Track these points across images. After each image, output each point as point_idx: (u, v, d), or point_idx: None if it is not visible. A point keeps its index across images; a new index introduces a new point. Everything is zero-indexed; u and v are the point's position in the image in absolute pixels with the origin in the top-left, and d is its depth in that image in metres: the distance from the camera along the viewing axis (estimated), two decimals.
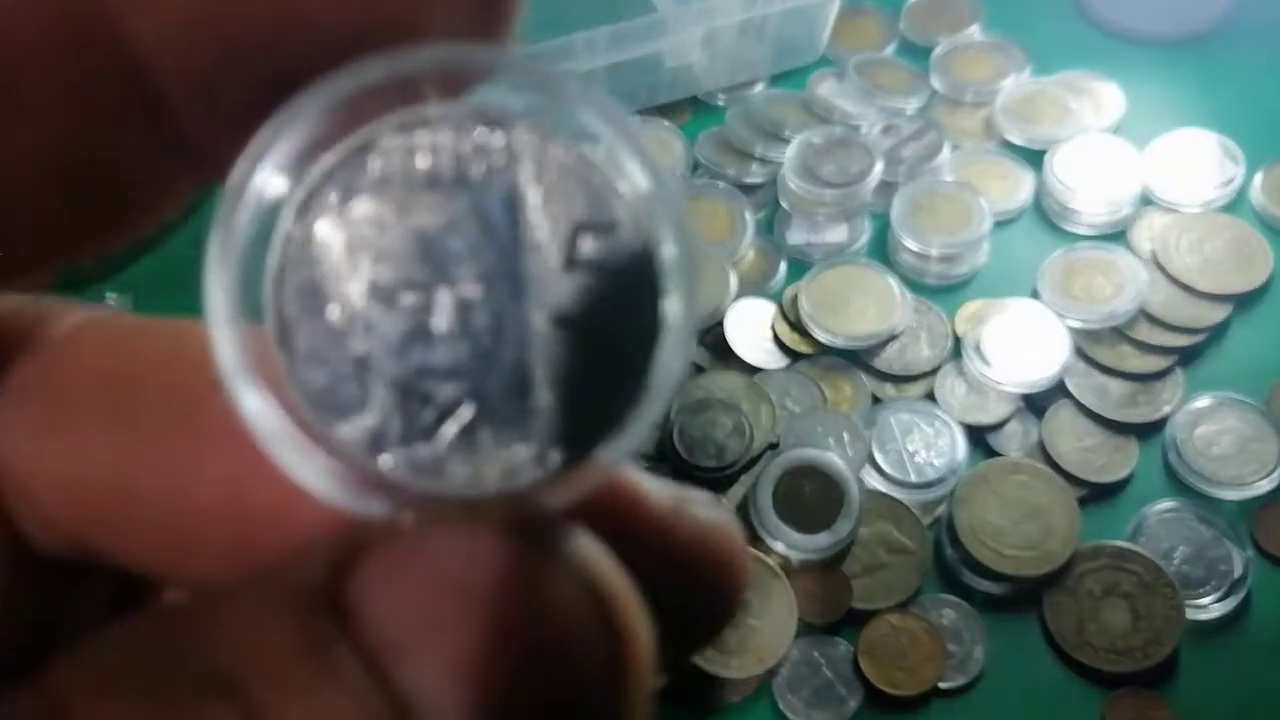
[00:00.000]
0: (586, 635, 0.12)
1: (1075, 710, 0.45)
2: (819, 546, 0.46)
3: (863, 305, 0.54)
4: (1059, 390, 0.51)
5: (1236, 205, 0.57)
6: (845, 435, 0.50)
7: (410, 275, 0.13)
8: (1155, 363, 0.52)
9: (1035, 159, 0.59)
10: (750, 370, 0.53)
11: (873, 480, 0.50)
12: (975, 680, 0.45)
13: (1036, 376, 0.51)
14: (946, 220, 0.56)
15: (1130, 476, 0.50)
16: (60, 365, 0.15)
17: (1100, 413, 0.50)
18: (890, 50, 0.65)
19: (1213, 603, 0.46)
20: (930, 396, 0.52)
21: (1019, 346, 0.52)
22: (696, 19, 0.57)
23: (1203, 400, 0.50)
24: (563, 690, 0.12)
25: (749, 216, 0.57)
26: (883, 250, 0.57)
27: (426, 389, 0.13)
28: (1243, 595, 0.46)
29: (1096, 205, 0.56)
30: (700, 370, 0.53)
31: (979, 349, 0.52)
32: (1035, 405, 0.51)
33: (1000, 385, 0.51)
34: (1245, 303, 0.54)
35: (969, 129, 0.61)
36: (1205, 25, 0.65)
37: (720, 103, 0.63)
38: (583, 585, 0.12)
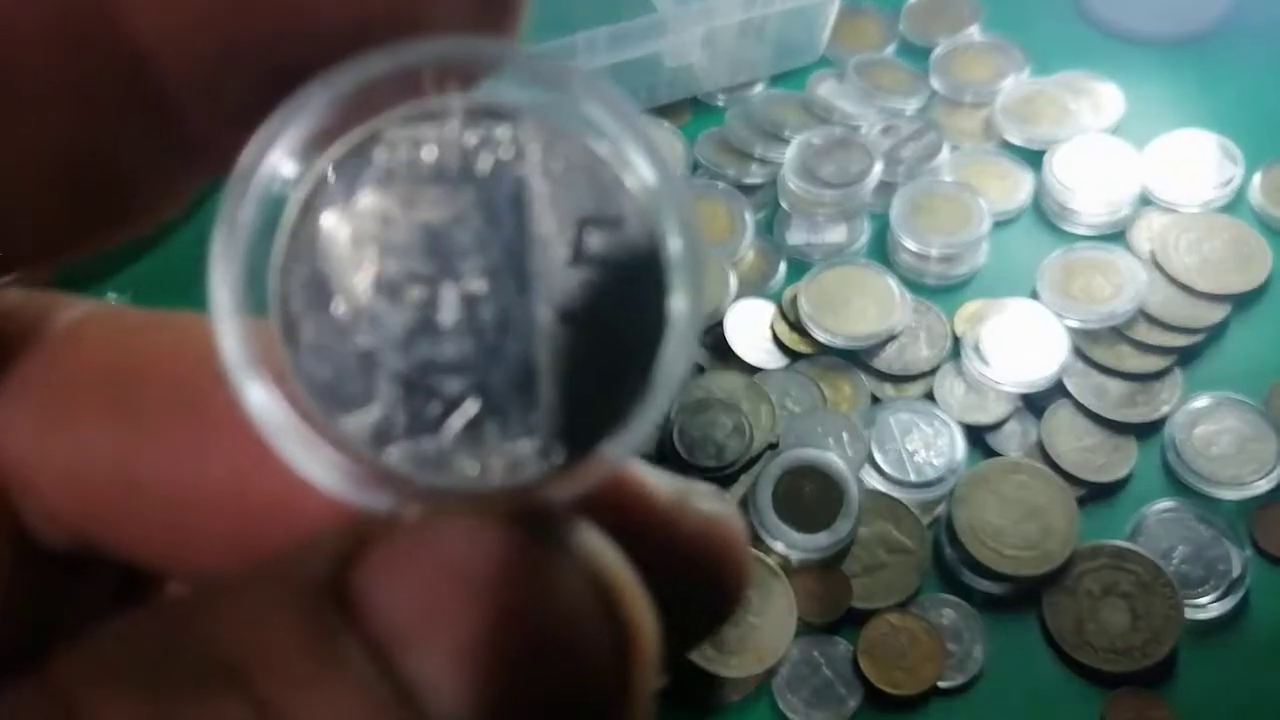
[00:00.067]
0: (591, 626, 0.12)
1: (1075, 710, 0.45)
2: (819, 546, 0.46)
3: (862, 305, 0.54)
4: (1058, 390, 0.51)
5: (1235, 205, 0.57)
6: (845, 435, 0.50)
7: (416, 269, 0.13)
8: (1154, 363, 0.52)
9: (1034, 159, 0.59)
10: (750, 370, 0.53)
11: (872, 480, 0.50)
12: (975, 680, 0.45)
13: (1035, 376, 0.51)
14: (946, 220, 0.56)
15: (1129, 476, 0.50)
16: (63, 359, 0.15)
17: (1099, 413, 0.50)
18: (890, 51, 0.66)
19: (1211, 602, 0.46)
20: (929, 396, 0.52)
21: (1018, 346, 0.52)
22: (696, 19, 0.57)
23: (1201, 400, 0.50)
24: (567, 681, 0.12)
25: (749, 217, 0.57)
26: (882, 250, 0.57)
27: (431, 383, 0.13)
28: (1241, 595, 0.46)
29: (1095, 205, 0.57)
30: (700, 370, 0.53)
31: (978, 349, 0.52)
32: (1034, 405, 0.51)
33: (999, 385, 0.51)
34: (1244, 303, 0.54)
35: (968, 129, 0.62)
36: (1205, 25, 0.65)
37: (720, 103, 0.63)
38: (587, 577, 0.12)
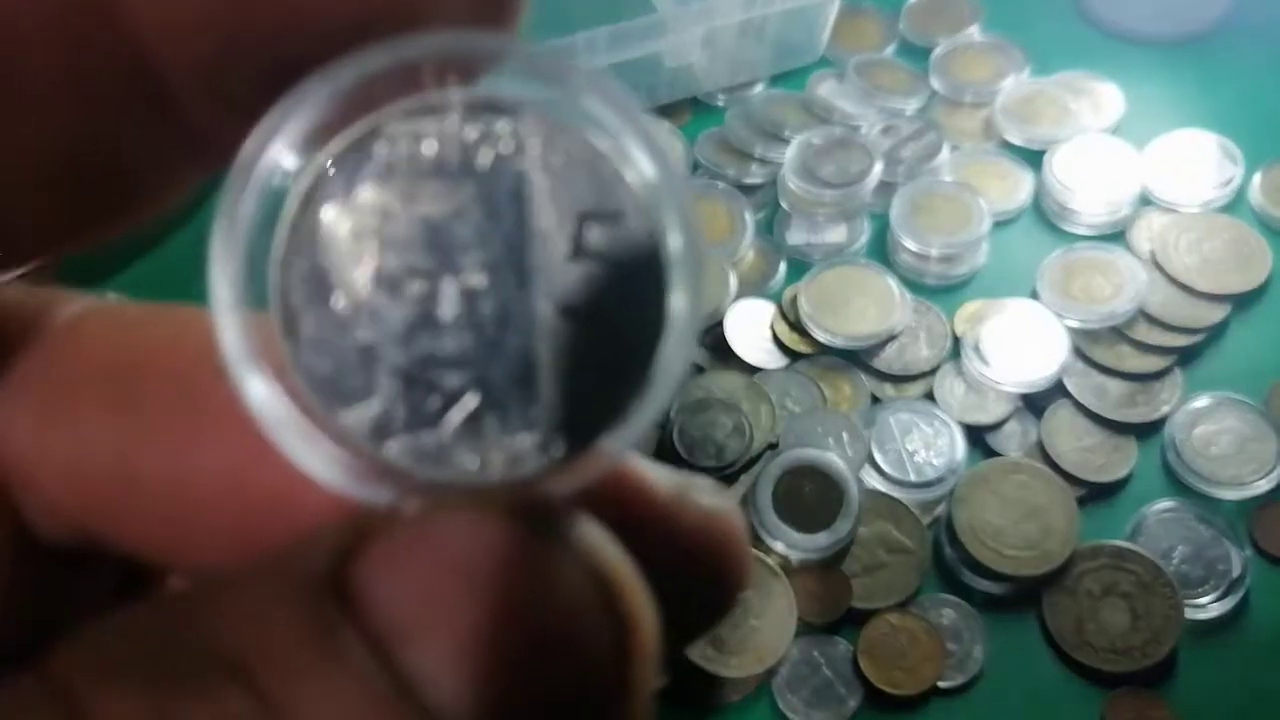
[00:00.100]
0: (591, 620, 0.12)
1: (1074, 710, 0.45)
2: (819, 546, 0.46)
3: (862, 305, 0.54)
4: (1058, 390, 0.51)
5: (1235, 205, 0.57)
6: (845, 435, 0.50)
7: (416, 263, 0.13)
8: (1154, 363, 0.52)
9: (1034, 159, 0.59)
10: (750, 370, 0.53)
11: (872, 480, 0.50)
12: (974, 680, 0.45)
13: (1035, 376, 0.51)
14: (946, 221, 0.56)
15: (1129, 476, 0.50)
16: (63, 353, 0.15)
17: (1099, 412, 0.50)
18: (890, 51, 0.66)
19: (1211, 602, 0.46)
20: (929, 396, 0.52)
21: (1018, 346, 0.52)
22: (696, 19, 0.57)
23: (1201, 400, 0.50)
24: (567, 674, 0.12)
25: (749, 217, 0.57)
26: (882, 250, 0.57)
27: (431, 377, 0.13)
28: (1241, 595, 0.46)
29: (1095, 205, 0.57)
30: (700, 370, 0.53)
31: (978, 349, 0.52)
32: (1034, 405, 0.51)
33: (999, 385, 0.51)
34: (1244, 303, 0.54)
35: (968, 129, 0.62)
36: (1205, 25, 0.65)
37: (720, 103, 0.63)
38: (588, 570, 0.12)
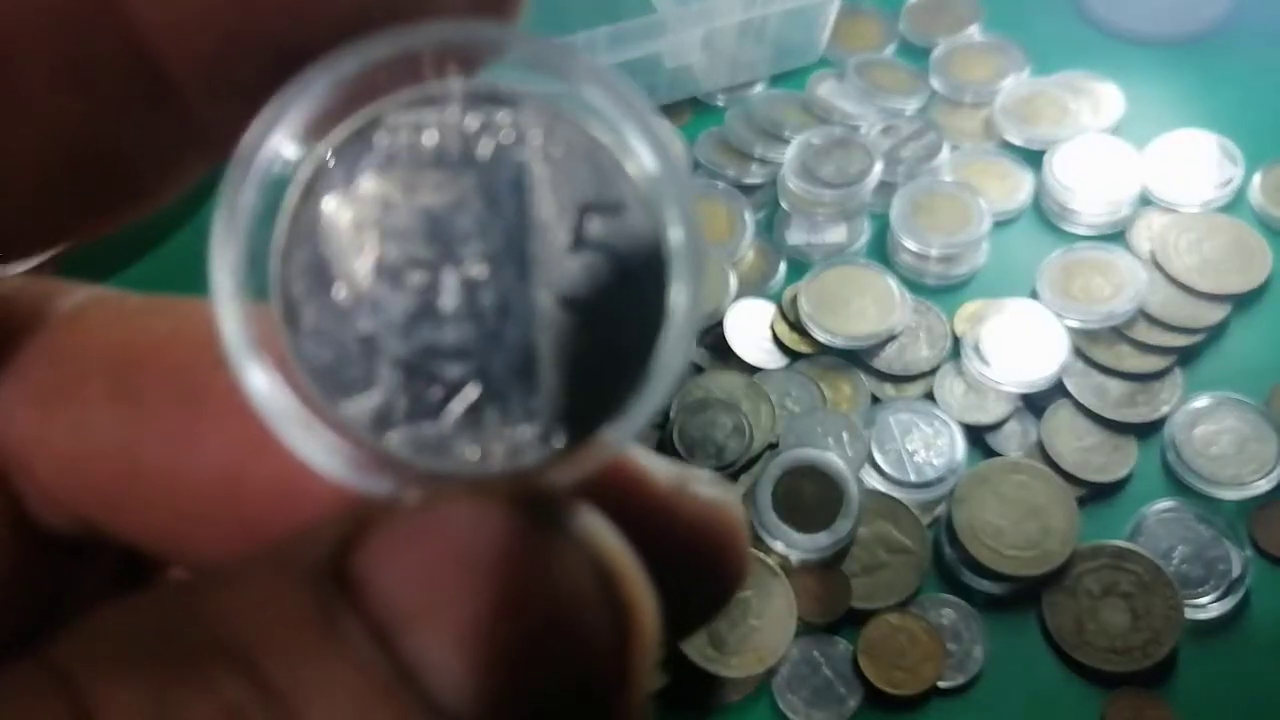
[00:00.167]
0: (591, 608, 0.12)
1: (1074, 709, 0.45)
2: (819, 546, 0.46)
3: (862, 305, 0.54)
4: (1058, 390, 0.51)
5: (1235, 206, 0.57)
6: (845, 435, 0.50)
7: (417, 254, 0.13)
8: (1154, 363, 0.52)
9: (1034, 159, 0.59)
10: (750, 370, 0.53)
11: (872, 480, 0.50)
12: (974, 679, 0.45)
13: (1035, 376, 0.51)
14: (946, 220, 0.56)
15: (1129, 476, 0.50)
16: (64, 343, 0.15)
17: (1099, 412, 0.50)
18: (890, 51, 0.66)
19: (1211, 602, 0.46)
20: (929, 396, 0.52)
21: (1018, 346, 0.52)
22: (696, 19, 0.57)
23: (1201, 400, 0.50)
24: (567, 662, 0.12)
25: (749, 217, 0.57)
26: (882, 250, 0.57)
27: (432, 368, 0.13)
28: (1241, 595, 0.46)
29: (1095, 205, 0.57)
30: (700, 370, 0.53)
31: (978, 349, 0.52)
32: (1034, 405, 0.51)
33: (999, 385, 0.51)
34: (1244, 303, 0.54)
35: (968, 129, 0.62)
36: (1205, 26, 0.65)
37: (720, 103, 0.63)
38: (588, 560, 0.12)
